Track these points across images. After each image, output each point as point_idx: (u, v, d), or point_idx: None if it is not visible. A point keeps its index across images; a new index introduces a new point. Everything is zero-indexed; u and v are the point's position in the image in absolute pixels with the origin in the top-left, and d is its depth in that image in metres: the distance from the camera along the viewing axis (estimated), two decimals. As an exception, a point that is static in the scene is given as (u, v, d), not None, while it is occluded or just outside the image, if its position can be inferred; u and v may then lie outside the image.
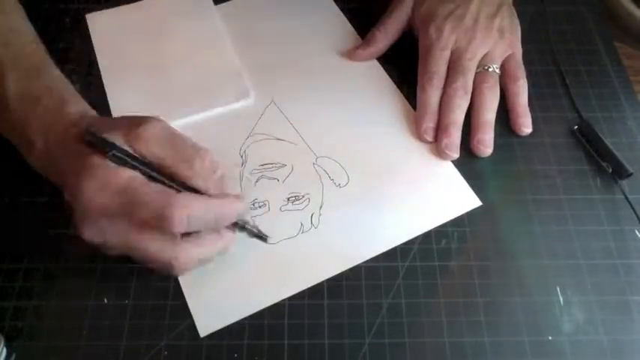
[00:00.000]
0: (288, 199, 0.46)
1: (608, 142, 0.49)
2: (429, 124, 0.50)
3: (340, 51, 0.55)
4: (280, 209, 0.45)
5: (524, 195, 0.47)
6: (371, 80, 0.54)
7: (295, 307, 0.42)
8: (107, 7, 0.58)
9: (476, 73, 0.51)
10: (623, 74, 0.55)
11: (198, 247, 0.39)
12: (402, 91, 0.53)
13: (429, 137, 0.49)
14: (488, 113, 0.50)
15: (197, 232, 0.39)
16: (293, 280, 0.42)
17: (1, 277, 0.42)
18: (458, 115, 0.49)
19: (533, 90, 0.53)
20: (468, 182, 0.47)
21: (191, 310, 0.41)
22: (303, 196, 0.46)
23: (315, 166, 0.48)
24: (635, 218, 0.46)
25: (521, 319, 0.42)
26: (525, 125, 0.51)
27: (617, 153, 0.48)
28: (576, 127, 0.50)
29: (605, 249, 0.45)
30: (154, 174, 0.37)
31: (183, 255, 0.38)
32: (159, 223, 0.36)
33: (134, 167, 0.37)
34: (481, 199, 0.47)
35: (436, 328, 0.41)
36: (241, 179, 0.47)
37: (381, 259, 0.44)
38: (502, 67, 0.52)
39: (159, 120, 0.39)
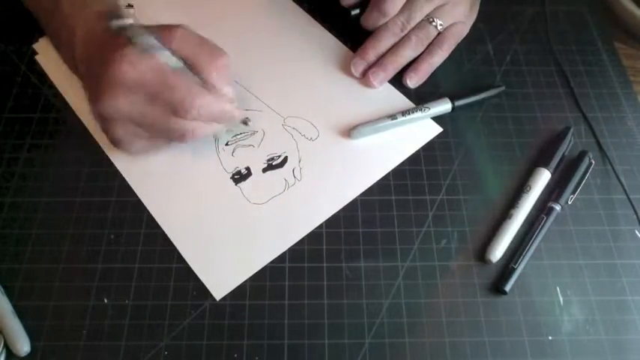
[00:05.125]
0: (267, 160, 0.48)
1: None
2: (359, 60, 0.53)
3: (282, 19, 0.57)
4: (263, 171, 0.48)
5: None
6: (317, 43, 0.56)
7: (295, 307, 0.42)
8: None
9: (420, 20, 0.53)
10: (623, 74, 0.55)
11: (203, 125, 0.44)
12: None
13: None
14: (400, 58, 0.52)
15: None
16: (291, 231, 0.45)
17: (2, 278, 0.42)
18: (382, 45, 0.52)
19: (534, 90, 0.53)
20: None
21: (200, 277, 0.43)
22: (280, 155, 0.48)
23: (285, 126, 0.50)
24: (635, 218, 0.46)
25: (521, 319, 0.42)
26: (413, 81, 0.53)
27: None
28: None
29: (605, 249, 0.45)
30: (179, 63, 0.42)
31: (191, 127, 0.43)
32: (178, 108, 0.42)
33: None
34: (482, 198, 0.47)
35: (436, 328, 0.41)
36: (218, 152, 0.49)
37: (381, 259, 0.44)
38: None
39: (186, 26, 0.44)
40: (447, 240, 0.45)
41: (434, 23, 0.53)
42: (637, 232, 0.46)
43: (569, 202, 0.46)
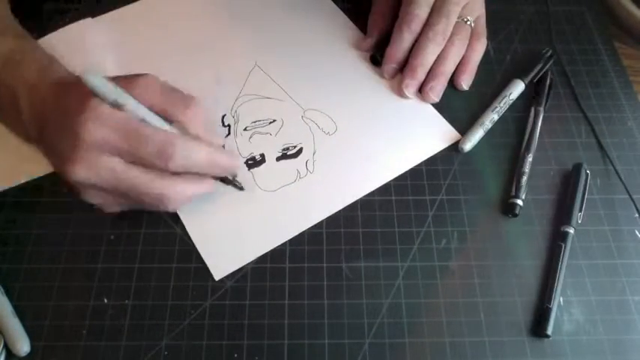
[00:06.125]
0: (283, 149, 0.49)
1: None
2: (393, 64, 0.52)
3: (316, 14, 0.58)
4: (277, 160, 0.49)
5: (525, 195, 0.47)
6: (344, 38, 0.56)
7: (295, 307, 0.42)
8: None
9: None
10: (623, 74, 0.55)
11: (187, 183, 0.40)
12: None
13: (389, 76, 0.53)
14: (450, 65, 0.52)
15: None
16: (296, 221, 0.45)
17: (2, 278, 0.42)
18: (429, 59, 0.51)
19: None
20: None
21: (202, 256, 0.43)
22: (295, 146, 0.49)
23: (304, 118, 0.51)
24: (635, 218, 0.46)
25: (520, 318, 0.42)
26: (466, 82, 0.53)
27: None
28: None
29: (605, 249, 0.45)
30: (151, 117, 0.39)
31: (173, 189, 0.40)
32: (158, 160, 0.38)
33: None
34: (482, 198, 0.47)
35: (436, 328, 0.41)
36: (236, 136, 0.50)
37: (381, 259, 0.44)
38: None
39: (152, 75, 0.40)
40: (447, 240, 0.45)
41: (468, 22, 0.53)
42: (637, 232, 0.46)
43: (580, 221, 0.45)
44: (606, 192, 0.48)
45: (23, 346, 0.39)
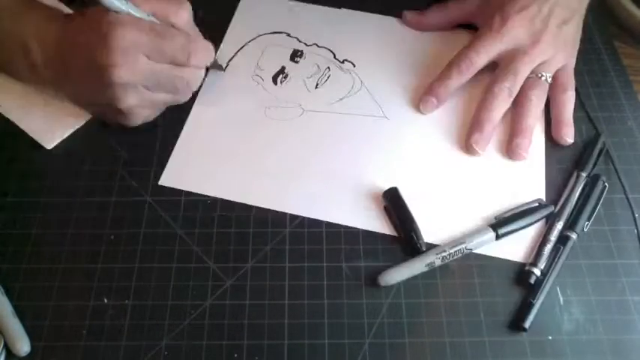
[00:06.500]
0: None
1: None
2: (433, 97, 0.51)
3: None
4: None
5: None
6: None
7: (295, 307, 0.42)
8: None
9: (527, 78, 0.50)
10: (624, 74, 0.55)
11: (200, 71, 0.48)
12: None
13: (424, 109, 0.52)
14: (531, 120, 0.50)
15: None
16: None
17: (2, 278, 0.42)
18: (496, 115, 0.49)
19: (534, 90, 0.53)
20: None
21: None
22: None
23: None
24: (635, 217, 0.46)
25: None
26: (568, 135, 0.50)
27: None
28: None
29: (605, 249, 0.45)
30: (151, 18, 0.45)
31: (197, 76, 0.48)
32: (181, 55, 0.45)
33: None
34: (481, 199, 0.47)
35: (436, 328, 0.41)
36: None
37: (381, 259, 0.44)
38: (553, 76, 0.51)
39: None
40: (447, 240, 0.45)
41: (543, 77, 0.51)
42: (637, 231, 0.46)
43: (585, 230, 0.45)
44: (606, 192, 0.47)
45: (23, 346, 0.39)
